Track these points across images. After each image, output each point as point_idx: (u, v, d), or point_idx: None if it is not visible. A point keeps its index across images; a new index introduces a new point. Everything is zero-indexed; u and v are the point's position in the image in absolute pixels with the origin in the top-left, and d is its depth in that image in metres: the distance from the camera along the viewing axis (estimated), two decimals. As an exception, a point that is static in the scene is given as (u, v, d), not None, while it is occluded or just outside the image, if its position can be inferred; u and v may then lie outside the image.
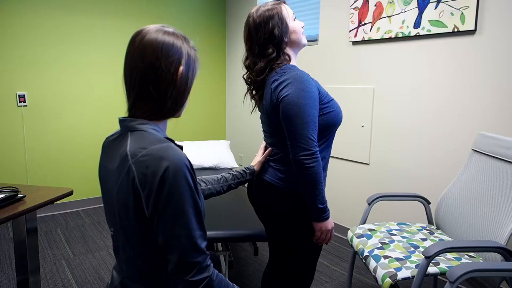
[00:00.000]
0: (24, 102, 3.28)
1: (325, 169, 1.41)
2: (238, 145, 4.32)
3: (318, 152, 1.26)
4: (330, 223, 1.35)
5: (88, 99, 3.59)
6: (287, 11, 1.37)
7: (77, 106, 3.54)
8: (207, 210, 2.09)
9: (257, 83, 1.39)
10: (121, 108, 3.74)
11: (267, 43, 1.34)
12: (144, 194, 0.84)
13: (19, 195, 1.45)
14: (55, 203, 3.45)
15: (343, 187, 3.03)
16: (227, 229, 1.90)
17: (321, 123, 1.33)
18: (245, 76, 1.46)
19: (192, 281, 0.84)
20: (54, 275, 2.43)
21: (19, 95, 3.24)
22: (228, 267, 2.05)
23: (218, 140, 4.07)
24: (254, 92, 1.44)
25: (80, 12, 3.45)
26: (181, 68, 0.93)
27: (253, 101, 1.48)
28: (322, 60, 3.11)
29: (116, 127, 3.36)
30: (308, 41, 3.28)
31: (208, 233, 1.83)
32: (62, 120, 3.48)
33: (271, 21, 1.33)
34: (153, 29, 0.93)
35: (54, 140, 3.46)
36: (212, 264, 0.89)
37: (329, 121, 1.35)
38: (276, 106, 1.30)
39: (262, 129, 1.56)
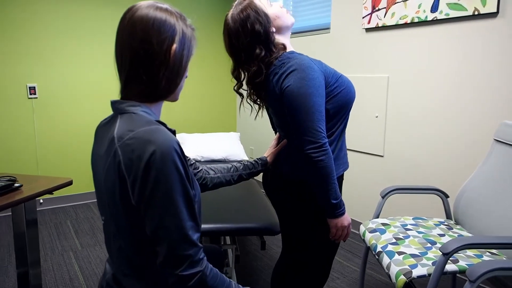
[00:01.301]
0: (35, 94, 3.28)
1: (341, 149, 1.34)
2: (249, 138, 4.25)
3: (327, 144, 1.18)
4: (346, 219, 1.27)
5: (98, 91, 3.57)
6: (259, 0, 1.26)
7: (87, 98, 3.52)
8: (213, 202, 2.03)
9: (258, 86, 1.30)
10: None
11: (252, 45, 1.23)
12: (130, 180, 0.77)
13: (16, 184, 1.41)
14: (66, 195, 3.48)
15: (356, 179, 2.92)
16: (233, 222, 1.83)
17: (334, 105, 1.25)
18: (235, 88, 1.36)
19: (182, 276, 0.77)
20: (61, 267, 2.41)
21: (29, 87, 3.24)
22: (234, 261, 1.98)
23: (228, 132, 4.00)
24: (255, 97, 1.35)
25: (92, 4, 3.42)
26: (174, 46, 0.86)
27: (255, 105, 1.39)
28: (334, 48, 3.00)
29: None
30: (320, 29, 3.18)
31: (214, 226, 1.77)
32: (72, 112, 3.47)
33: (248, 21, 1.22)
34: (144, 4, 0.87)
35: (64, 132, 3.46)
36: (205, 258, 0.82)
37: (342, 100, 1.26)
38: (280, 98, 1.22)
39: (274, 123, 1.50)
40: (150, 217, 0.77)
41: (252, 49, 1.24)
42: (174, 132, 0.87)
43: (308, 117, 1.16)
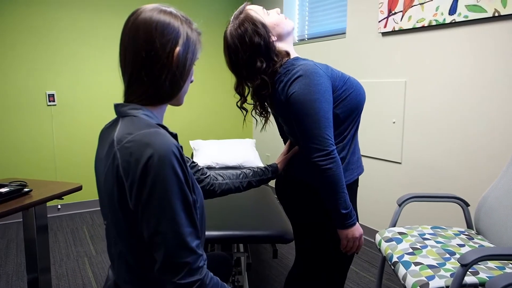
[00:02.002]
0: (54, 101, 3.34)
1: (354, 153, 1.30)
2: (266, 145, 4.22)
3: (335, 151, 1.14)
4: (357, 230, 1.22)
5: (116, 98, 3.61)
6: (255, 12, 1.23)
7: (105, 105, 3.57)
8: (225, 208, 2.00)
9: (265, 97, 1.27)
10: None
11: (252, 59, 1.20)
12: (128, 184, 0.75)
13: (25, 189, 1.42)
14: (84, 201, 3.53)
15: (373, 187, 2.85)
16: (245, 230, 1.80)
17: (344, 109, 1.21)
18: (239, 104, 1.33)
19: (180, 284, 0.74)
20: (75, 273, 2.43)
21: (48, 95, 3.31)
22: (245, 269, 1.95)
23: (244, 139, 3.99)
24: (261, 109, 1.32)
25: (109, 12, 3.48)
26: (178, 49, 0.85)
27: (262, 118, 1.35)
28: (350, 54, 2.95)
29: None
30: (335, 34, 3.14)
31: (224, 233, 1.75)
32: (90, 119, 3.52)
33: (246, 36, 1.19)
34: (148, 8, 0.87)
35: (82, 139, 3.51)
36: (205, 266, 0.79)
37: (352, 103, 1.22)
38: (286, 105, 1.19)
39: (282, 131, 1.47)
40: (147, 222, 0.75)
41: (252, 63, 1.21)
42: (175, 136, 0.86)
43: (315, 124, 1.12)
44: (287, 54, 1.26)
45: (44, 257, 1.66)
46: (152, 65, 0.84)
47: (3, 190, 1.35)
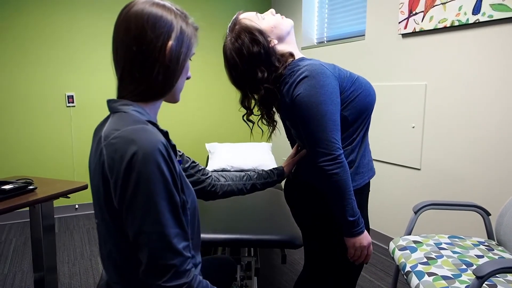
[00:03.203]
0: (73, 102, 3.41)
1: (364, 155, 1.24)
2: (282, 148, 4.17)
3: (342, 156, 1.09)
4: (365, 238, 1.16)
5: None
6: (250, 19, 1.18)
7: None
8: (233, 211, 1.97)
9: (271, 105, 1.24)
10: (168, 107, 3.77)
11: (252, 70, 1.16)
12: (112, 182, 0.73)
13: (30, 187, 1.43)
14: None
15: (391, 193, 2.75)
16: (253, 233, 1.76)
17: (352, 111, 1.16)
18: (245, 117, 1.29)
19: (165, 287, 0.71)
20: (87, 272, 2.44)
21: (68, 96, 3.38)
22: (254, 274, 1.90)
23: (261, 142, 3.96)
24: (268, 119, 1.28)
25: (127, 14, 3.53)
26: (170, 43, 0.82)
27: (269, 127, 1.31)
28: (369, 56, 2.87)
29: (163, 126, 3.33)
30: (354, 36, 3.07)
31: (232, 236, 1.71)
32: (108, 120, 3.57)
33: (244, 48, 1.15)
34: (141, 0, 0.84)
35: (100, 140, 3.56)
36: (194, 269, 0.75)
37: (361, 105, 1.17)
38: (291, 107, 1.15)
39: (288, 134, 1.43)
40: (131, 222, 0.73)
41: (252, 74, 1.17)
42: (166, 134, 0.83)
43: (321, 127, 1.08)
44: (291, 55, 1.21)
45: (50, 256, 1.67)
46: (143, 60, 0.81)
47: (8, 187, 1.37)
